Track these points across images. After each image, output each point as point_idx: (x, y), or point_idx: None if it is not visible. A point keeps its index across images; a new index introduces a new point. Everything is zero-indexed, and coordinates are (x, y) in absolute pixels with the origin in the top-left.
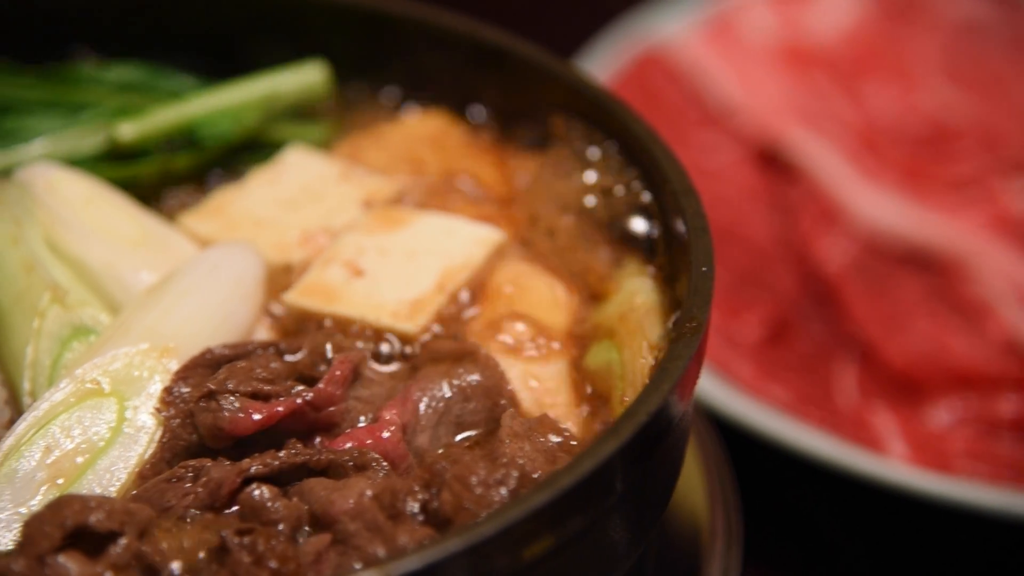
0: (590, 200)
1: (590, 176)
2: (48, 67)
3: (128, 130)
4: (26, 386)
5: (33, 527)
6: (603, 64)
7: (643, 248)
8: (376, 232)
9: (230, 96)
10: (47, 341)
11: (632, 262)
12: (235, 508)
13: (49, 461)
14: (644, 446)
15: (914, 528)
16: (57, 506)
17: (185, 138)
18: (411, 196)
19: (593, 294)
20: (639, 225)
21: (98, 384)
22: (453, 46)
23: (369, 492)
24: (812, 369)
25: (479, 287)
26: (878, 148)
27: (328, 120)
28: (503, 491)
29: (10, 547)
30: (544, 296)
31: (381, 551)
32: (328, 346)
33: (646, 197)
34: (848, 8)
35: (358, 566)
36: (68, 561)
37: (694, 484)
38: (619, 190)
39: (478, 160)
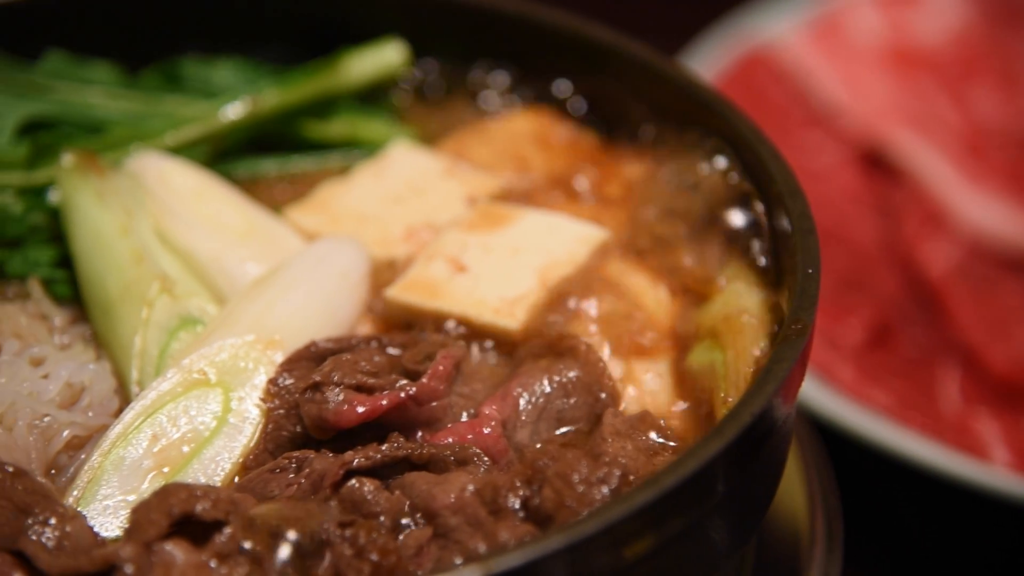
0: (694, 200)
1: (694, 175)
2: (154, 66)
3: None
4: (134, 375)
5: (140, 514)
6: (708, 63)
7: (747, 249)
8: (479, 229)
9: (319, 76)
10: (155, 331)
11: (736, 263)
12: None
13: (156, 449)
14: (747, 448)
15: (1017, 536)
16: (164, 494)
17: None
18: (515, 193)
19: (696, 294)
20: (743, 226)
21: (205, 374)
22: (559, 43)
23: (471, 487)
24: (914, 374)
25: (581, 285)
26: (983, 152)
27: (418, 119)
28: (605, 489)
29: (117, 533)
30: (647, 295)
31: (482, 546)
32: (431, 341)
33: (751, 198)
34: (954, 11)
35: (459, 561)
36: (174, 549)
37: (795, 487)
38: (723, 190)
39: (582, 158)
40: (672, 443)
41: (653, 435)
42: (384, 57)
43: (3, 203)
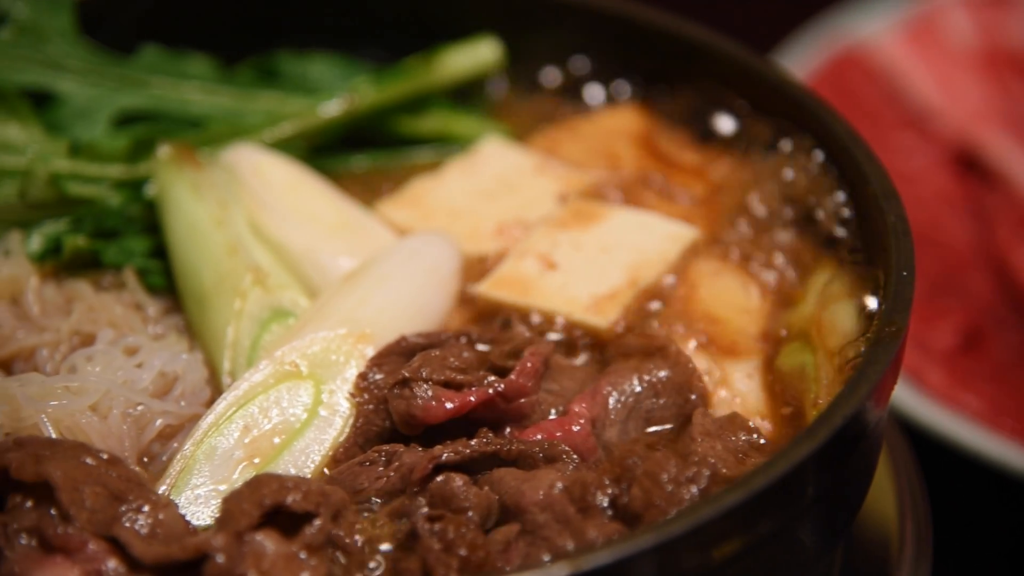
0: (787, 200)
1: (787, 175)
2: (250, 60)
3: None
4: (226, 366)
5: (232, 504)
6: (801, 62)
7: (839, 250)
8: (570, 226)
9: (415, 74)
10: (248, 322)
11: (827, 264)
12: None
13: (247, 440)
14: (838, 451)
15: None
16: (256, 485)
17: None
18: (606, 190)
19: (787, 294)
20: (836, 227)
21: (296, 367)
22: (654, 41)
23: (559, 484)
24: (1007, 379)
25: (672, 284)
26: None
27: (509, 115)
28: (694, 489)
29: (208, 522)
30: (737, 295)
31: (570, 544)
32: (520, 338)
33: (844, 198)
34: None
35: (547, 558)
36: (265, 539)
37: (884, 492)
38: (816, 190)
39: (674, 156)
40: (762, 444)
41: (742, 436)
42: (479, 54)
43: (100, 195)
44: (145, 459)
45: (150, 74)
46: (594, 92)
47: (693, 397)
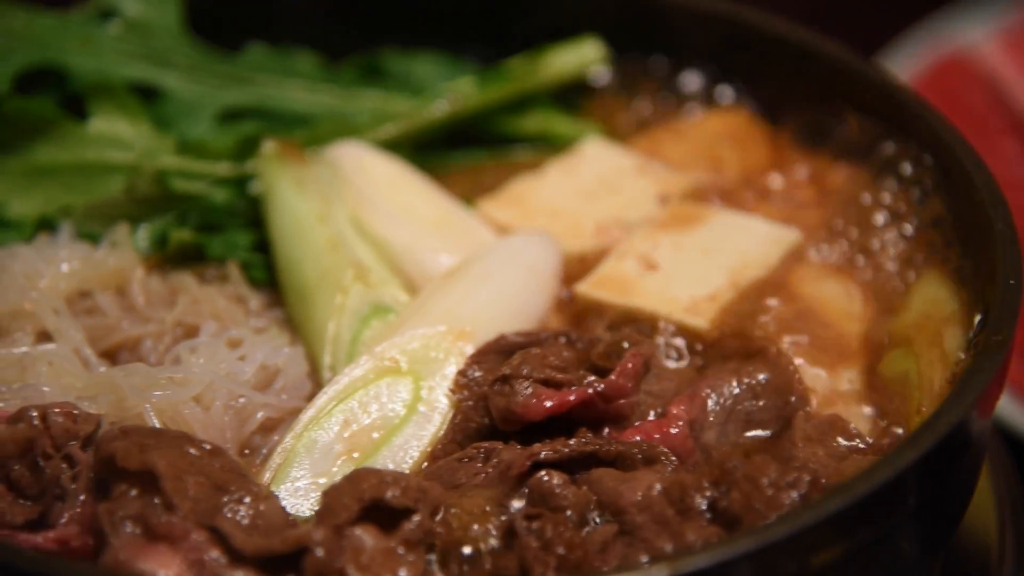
0: (891, 206)
1: (892, 181)
2: (354, 57)
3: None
4: (327, 360)
5: (332, 498)
6: (904, 65)
7: (945, 257)
8: (671, 227)
9: (520, 75)
10: (348, 318)
11: (931, 271)
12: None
13: (347, 435)
14: (941, 460)
15: None
16: (355, 479)
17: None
18: (707, 193)
19: (889, 301)
20: (942, 233)
21: (396, 363)
22: (757, 43)
23: (658, 486)
24: None
25: (773, 287)
26: None
27: (610, 116)
28: (794, 494)
29: (307, 514)
30: (839, 300)
31: (668, 546)
32: (619, 338)
33: (950, 205)
34: None
35: (645, 559)
36: (364, 534)
37: (985, 502)
38: (921, 196)
39: (777, 160)
40: (863, 450)
41: (844, 441)
42: (583, 54)
43: (205, 192)
44: (246, 451)
45: (255, 72)
46: (697, 94)
47: (793, 400)
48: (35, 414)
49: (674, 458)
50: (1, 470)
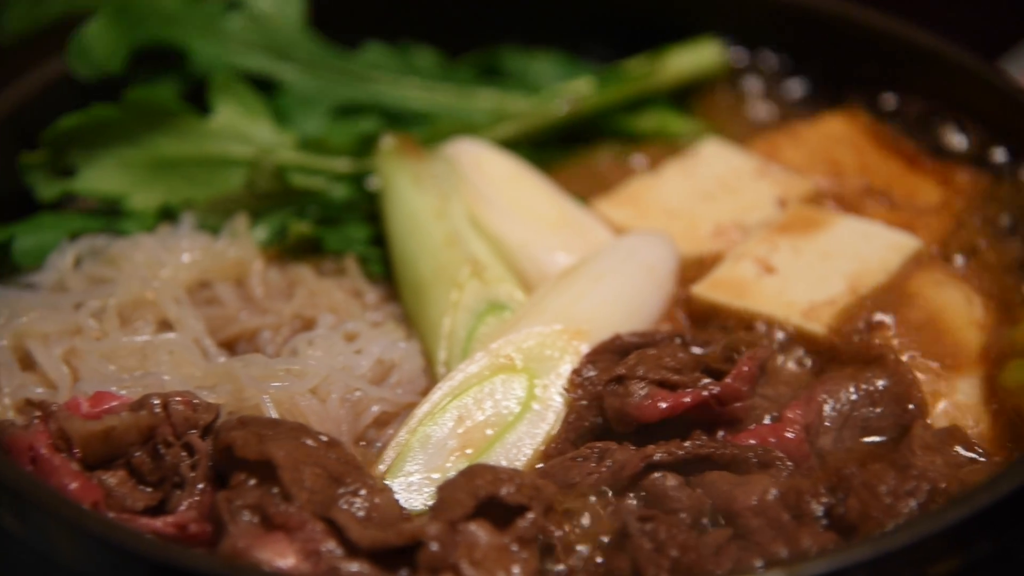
0: (1013, 213)
1: (1012, 188)
2: (473, 55)
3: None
4: (442, 356)
5: (447, 493)
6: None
7: None
8: (790, 231)
9: (640, 76)
10: (464, 314)
11: None
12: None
13: (460, 431)
14: None
15: None
16: (470, 475)
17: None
18: (826, 197)
19: (1012, 310)
20: None
21: (511, 360)
22: (876, 46)
23: (774, 490)
24: None
25: (893, 294)
26: None
27: (726, 117)
28: (913, 503)
29: (420, 508)
30: (959, 308)
31: (783, 551)
32: (735, 341)
33: None
34: None
35: (759, 564)
36: (478, 530)
37: None
38: None
39: (897, 165)
40: (983, 461)
41: (963, 451)
42: (702, 56)
43: (323, 187)
44: (361, 443)
45: (372, 69)
46: (816, 97)
47: (911, 408)
48: (157, 402)
49: (789, 463)
50: (123, 456)
